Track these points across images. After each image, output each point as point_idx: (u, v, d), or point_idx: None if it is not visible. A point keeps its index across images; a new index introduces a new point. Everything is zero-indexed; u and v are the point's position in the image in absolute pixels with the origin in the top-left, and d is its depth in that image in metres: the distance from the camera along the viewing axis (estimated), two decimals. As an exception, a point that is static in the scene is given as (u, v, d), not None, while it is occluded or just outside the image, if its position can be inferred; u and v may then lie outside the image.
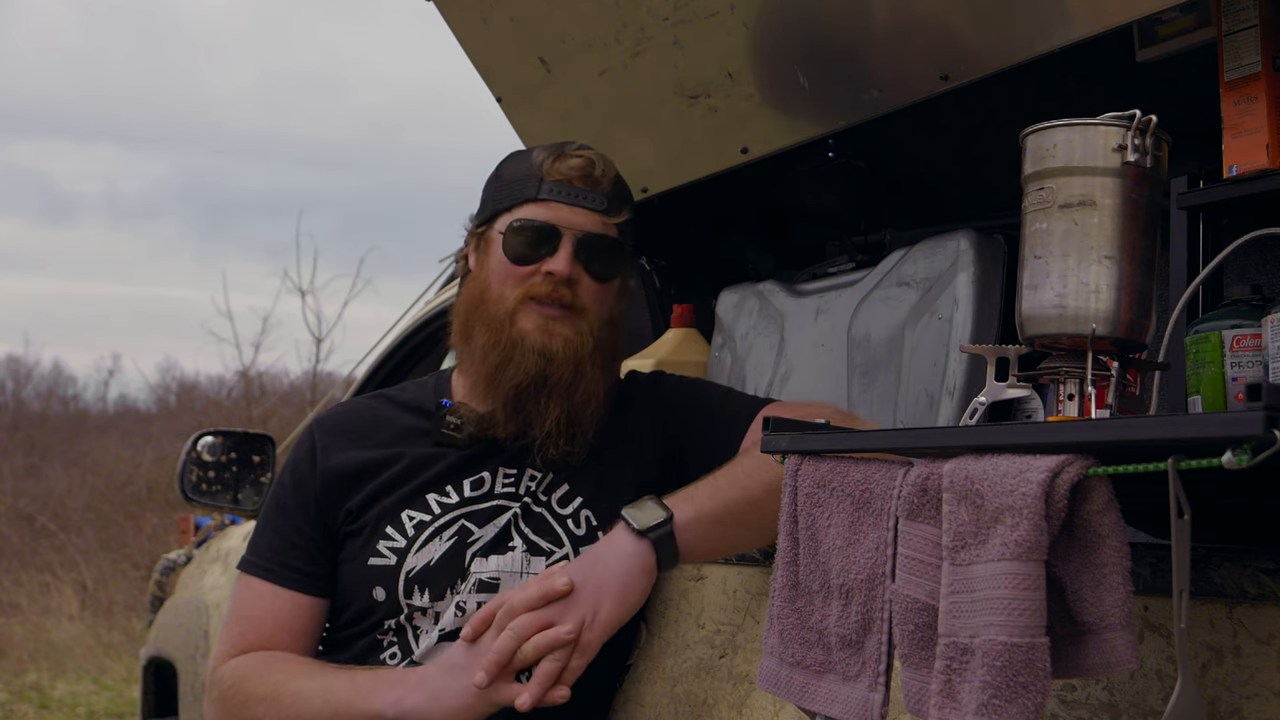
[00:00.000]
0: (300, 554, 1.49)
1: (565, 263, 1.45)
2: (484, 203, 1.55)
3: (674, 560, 1.34)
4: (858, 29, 1.61)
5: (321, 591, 1.50)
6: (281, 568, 1.49)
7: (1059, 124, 1.08)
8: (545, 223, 1.46)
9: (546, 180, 1.47)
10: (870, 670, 1.02)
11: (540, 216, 1.47)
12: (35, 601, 8.75)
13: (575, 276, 1.46)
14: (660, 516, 1.33)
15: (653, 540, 1.33)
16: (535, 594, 1.29)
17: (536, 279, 1.46)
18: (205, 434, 3.15)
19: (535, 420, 1.45)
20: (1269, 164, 1.27)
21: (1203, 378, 1.27)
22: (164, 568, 3.66)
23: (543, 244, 1.46)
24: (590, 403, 1.46)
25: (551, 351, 1.44)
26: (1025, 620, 0.86)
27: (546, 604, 1.28)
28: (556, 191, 1.47)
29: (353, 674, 1.40)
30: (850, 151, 2.02)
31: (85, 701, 6.78)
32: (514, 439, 1.48)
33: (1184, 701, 0.84)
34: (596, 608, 1.30)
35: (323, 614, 1.50)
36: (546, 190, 1.47)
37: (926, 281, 1.80)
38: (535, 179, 1.48)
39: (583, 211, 1.47)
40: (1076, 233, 1.06)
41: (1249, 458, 0.75)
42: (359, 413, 1.60)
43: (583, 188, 1.48)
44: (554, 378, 1.44)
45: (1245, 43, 1.29)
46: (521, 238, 1.46)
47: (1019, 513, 0.86)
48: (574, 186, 1.47)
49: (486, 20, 1.99)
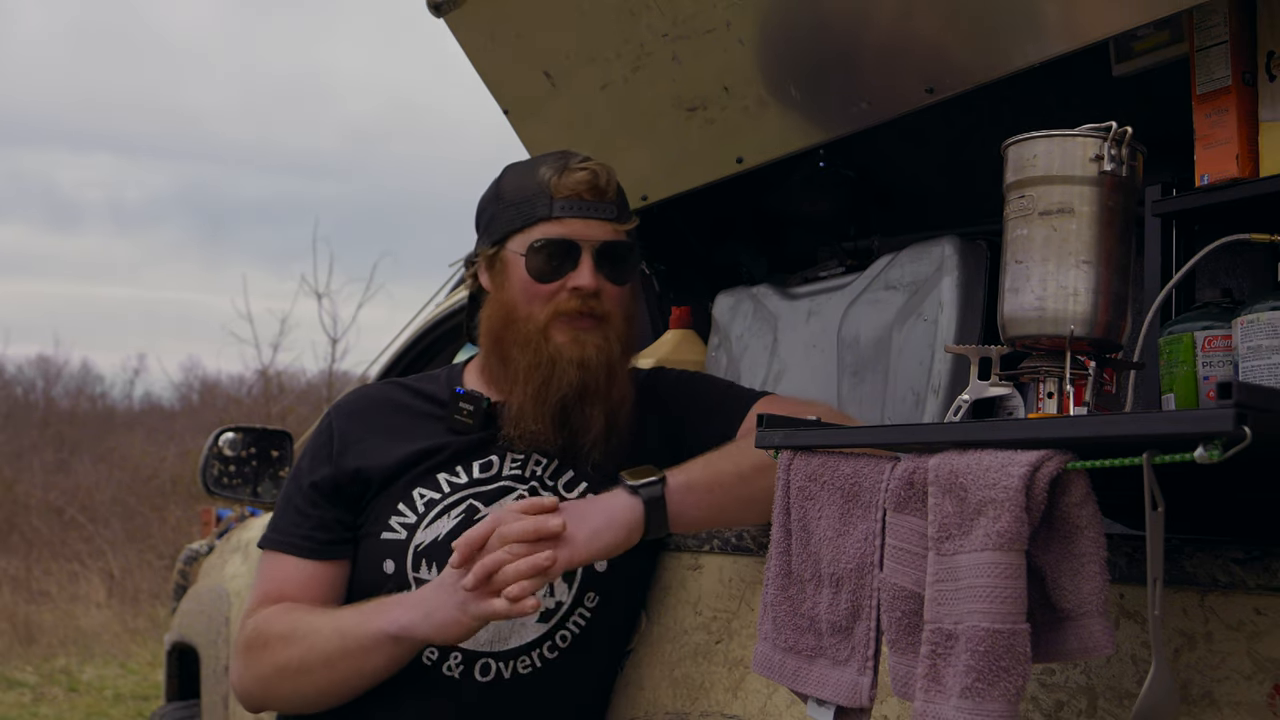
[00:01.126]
0: (321, 527, 1.52)
1: (589, 275, 1.47)
2: (490, 223, 1.55)
3: (663, 522, 1.36)
4: (847, 45, 1.62)
5: (340, 555, 1.52)
6: (302, 539, 1.52)
7: (1039, 135, 1.10)
8: (564, 239, 1.48)
9: (557, 198, 1.48)
10: (859, 655, 1.03)
11: (558, 234, 1.48)
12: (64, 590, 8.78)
13: (599, 286, 1.48)
14: (652, 477, 1.37)
15: (643, 498, 1.36)
16: (530, 530, 1.31)
17: (563, 295, 1.48)
18: (226, 430, 3.15)
19: (581, 429, 1.48)
20: (1239, 173, 1.28)
21: (1176, 377, 1.28)
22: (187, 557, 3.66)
23: (565, 260, 1.48)
24: (625, 402, 1.50)
25: (587, 360, 1.46)
26: (1007, 608, 0.87)
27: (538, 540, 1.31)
28: (569, 207, 1.48)
29: (359, 606, 1.45)
30: (840, 161, 2.03)
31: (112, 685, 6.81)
32: (563, 449, 1.51)
33: (1158, 685, 0.85)
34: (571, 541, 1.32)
35: (346, 575, 1.53)
36: (560, 208, 1.48)
37: (913, 285, 1.81)
38: (545, 197, 1.49)
39: (596, 223, 1.49)
40: (1056, 239, 1.07)
41: (1220, 453, 0.76)
42: (375, 398, 1.62)
43: (592, 199, 1.49)
44: (592, 385, 1.47)
45: (1216, 58, 1.30)
46: (543, 256, 1.48)
47: (1001, 505, 0.87)
48: (584, 200, 1.49)
49: (494, 37, 2.00)
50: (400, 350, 3.04)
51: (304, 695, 1.46)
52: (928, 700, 0.91)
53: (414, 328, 3.01)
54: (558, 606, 1.48)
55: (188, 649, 3.37)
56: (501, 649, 1.47)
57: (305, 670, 1.43)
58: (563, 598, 1.48)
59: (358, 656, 1.40)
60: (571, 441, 1.50)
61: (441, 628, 1.34)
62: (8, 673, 7.01)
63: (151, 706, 6.08)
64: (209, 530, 4.31)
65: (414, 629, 1.36)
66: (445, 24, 2.05)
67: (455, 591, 1.33)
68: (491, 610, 1.30)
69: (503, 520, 1.32)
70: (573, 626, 1.49)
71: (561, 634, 1.49)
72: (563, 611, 1.49)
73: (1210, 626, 0.95)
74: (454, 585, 1.33)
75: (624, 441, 1.51)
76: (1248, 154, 1.28)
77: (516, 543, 1.30)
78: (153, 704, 6.15)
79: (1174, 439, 0.80)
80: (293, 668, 1.44)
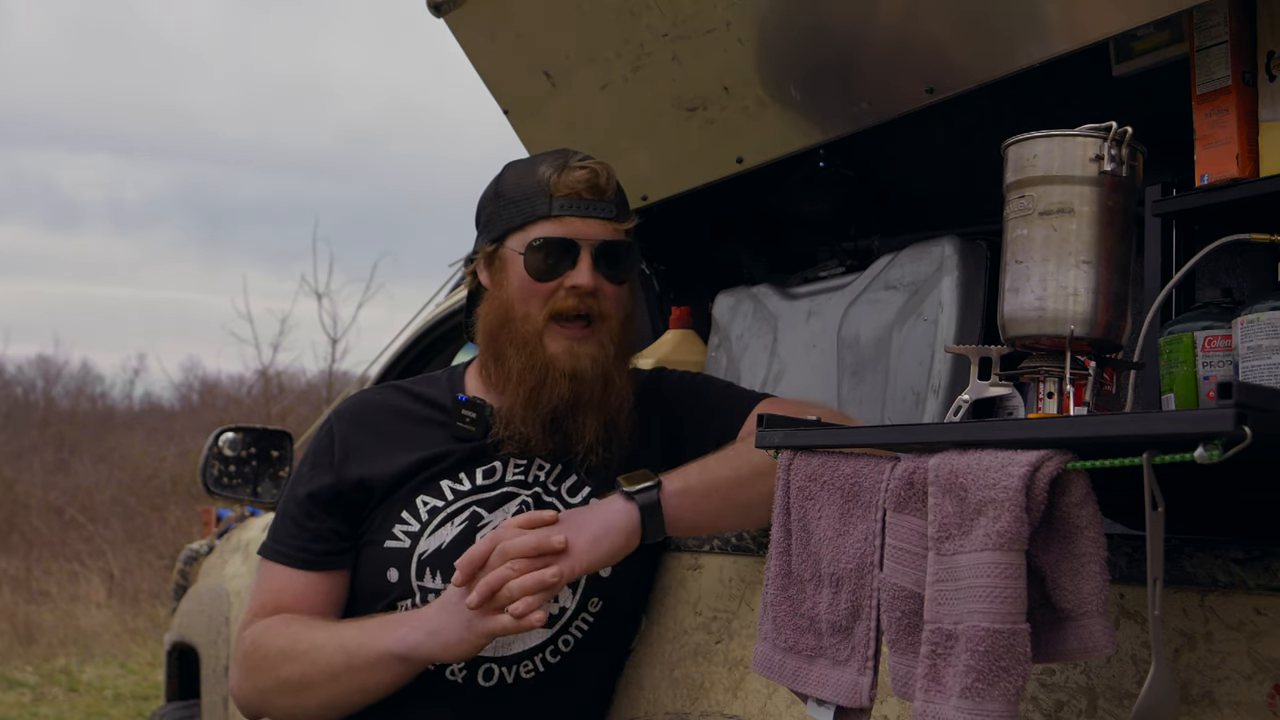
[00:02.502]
0: (318, 539, 1.52)
1: (587, 274, 1.47)
2: (490, 221, 1.54)
3: (660, 527, 1.37)
4: (848, 45, 1.62)
5: (341, 565, 1.52)
6: (299, 552, 1.52)
7: (1039, 135, 1.10)
8: (563, 237, 1.48)
9: (557, 196, 1.48)
10: (859, 655, 1.03)
11: (557, 232, 1.48)
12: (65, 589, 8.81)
13: (597, 286, 1.48)
14: (648, 482, 1.37)
15: (639, 504, 1.36)
16: (531, 547, 1.31)
17: (560, 294, 1.48)
18: (226, 430, 3.16)
19: (574, 437, 1.48)
20: (1239, 173, 1.28)
21: (1176, 377, 1.28)
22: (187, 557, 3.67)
23: (563, 258, 1.48)
24: (623, 408, 1.50)
25: (580, 372, 1.47)
26: (1007, 608, 0.87)
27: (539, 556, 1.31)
28: (568, 206, 1.48)
29: (361, 622, 1.45)
30: (840, 161, 2.02)
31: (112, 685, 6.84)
32: (555, 455, 1.51)
33: (1158, 685, 0.85)
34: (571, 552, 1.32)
35: (344, 585, 1.52)
36: (559, 206, 1.48)
37: (913, 285, 1.81)
38: (545, 195, 1.49)
39: (595, 222, 1.49)
40: (1055, 239, 1.07)
41: (1220, 453, 0.76)
42: (376, 404, 1.62)
43: (591, 198, 1.49)
44: (585, 396, 1.47)
45: (1216, 58, 1.30)
46: (541, 254, 1.48)
47: (1001, 505, 0.88)
48: (583, 199, 1.49)
49: (494, 37, 2.00)
50: (400, 350, 3.04)
51: (305, 709, 1.46)
52: (928, 700, 0.91)
53: (414, 328, 3.02)
54: (561, 612, 1.49)
55: (188, 649, 3.38)
56: (505, 654, 1.47)
57: (307, 685, 1.43)
58: (566, 603, 1.49)
59: (362, 674, 1.40)
60: (566, 448, 1.51)
61: (447, 647, 1.35)
62: (8, 673, 7.03)
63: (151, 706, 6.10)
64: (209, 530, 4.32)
65: (420, 649, 1.36)
66: (445, 24, 2.05)
67: (460, 610, 1.33)
68: (498, 626, 1.30)
69: (503, 536, 1.32)
70: (576, 631, 1.50)
71: (564, 639, 1.49)
72: (566, 617, 1.49)
73: (1210, 626, 0.95)
74: (458, 604, 1.33)
75: (625, 444, 1.51)
76: (1248, 154, 1.29)
77: (519, 559, 1.30)
78: (153, 704, 6.17)
79: (1174, 439, 0.80)
80: (294, 683, 1.43)
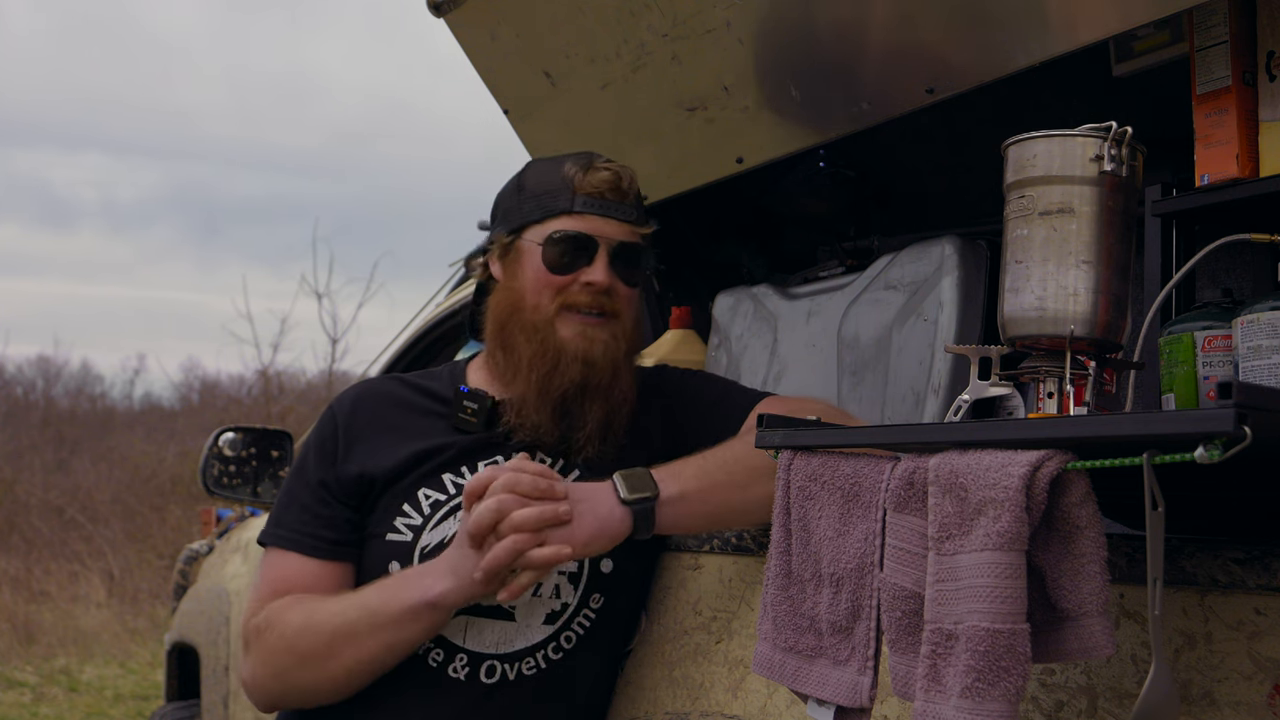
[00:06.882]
0: (325, 524, 1.51)
1: (603, 272, 1.49)
2: (508, 213, 1.56)
3: (649, 530, 1.38)
4: (848, 45, 1.63)
5: (348, 557, 1.51)
6: (306, 537, 1.50)
7: (1039, 135, 1.10)
8: (582, 234, 1.50)
9: (579, 193, 1.51)
10: (859, 655, 1.03)
11: (577, 228, 1.50)
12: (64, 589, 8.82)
13: (611, 284, 1.50)
14: (646, 492, 1.37)
15: (634, 511, 1.37)
16: (536, 518, 1.32)
17: (575, 288, 1.49)
18: (226, 430, 3.17)
19: (578, 423, 1.49)
20: (1239, 173, 1.28)
21: (1176, 377, 1.28)
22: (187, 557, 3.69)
23: (580, 254, 1.49)
24: (625, 404, 1.51)
25: (592, 357, 1.48)
26: (1007, 607, 0.87)
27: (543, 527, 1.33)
28: (590, 204, 1.51)
29: (378, 583, 1.45)
30: (841, 161, 2.03)
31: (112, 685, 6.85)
32: (559, 442, 1.51)
33: (1158, 685, 0.86)
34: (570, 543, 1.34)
35: (350, 578, 1.51)
36: (581, 203, 1.50)
37: (913, 285, 1.81)
38: (568, 192, 1.51)
39: (615, 222, 1.51)
40: (1056, 239, 1.08)
41: (1220, 452, 0.77)
42: (378, 392, 1.61)
43: (613, 199, 1.52)
44: (594, 382, 1.48)
45: (1216, 58, 1.30)
46: (560, 248, 1.49)
47: (1001, 505, 0.88)
48: (605, 199, 1.51)
49: (494, 37, 2.01)
50: (400, 350, 3.05)
51: (330, 679, 1.43)
52: (928, 700, 0.92)
53: (414, 328, 3.02)
54: (563, 608, 1.49)
55: (188, 649, 3.39)
56: (507, 651, 1.47)
57: (331, 654, 1.41)
58: (568, 599, 1.49)
59: (389, 630, 1.39)
60: (568, 439, 1.51)
61: (473, 586, 1.36)
62: (8, 673, 7.04)
63: (151, 706, 6.11)
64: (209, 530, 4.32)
65: (450, 594, 1.37)
66: (445, 24, 2.05)
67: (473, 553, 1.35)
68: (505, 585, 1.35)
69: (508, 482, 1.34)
70: (577, 628, 1.50)
71: (566, 635, 1.49)
72: (568, 613, 1.49)
73: (1210, 626, 0.95)
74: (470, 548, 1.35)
75: (621, 441, 1.52)
76: (1248, 154, 1.29)
77: (522, 535, 1.31)
78: (153, 704, 6.18)
79: (1174, 439, 0.81)
80: (317, 653, 1.42)
